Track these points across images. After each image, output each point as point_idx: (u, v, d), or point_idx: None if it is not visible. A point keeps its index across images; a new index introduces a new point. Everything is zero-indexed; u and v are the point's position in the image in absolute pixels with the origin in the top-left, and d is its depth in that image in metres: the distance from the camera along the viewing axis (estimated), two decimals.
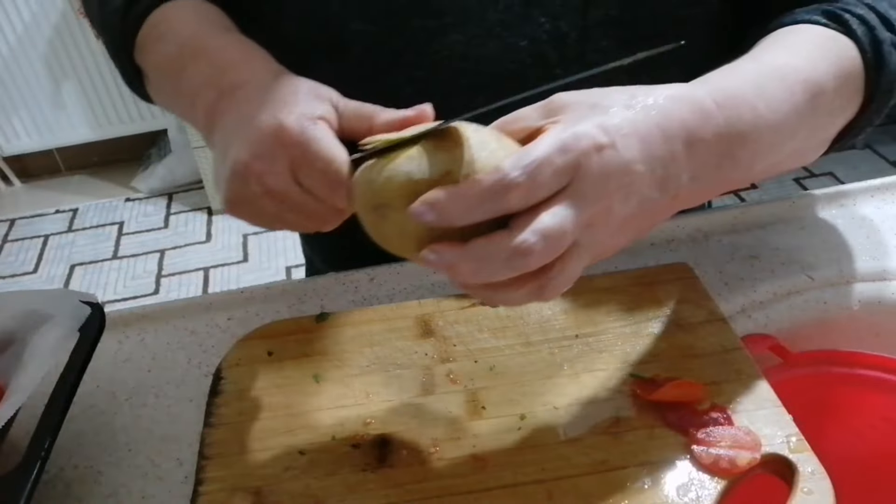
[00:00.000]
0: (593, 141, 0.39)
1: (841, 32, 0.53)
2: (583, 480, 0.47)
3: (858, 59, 0.52)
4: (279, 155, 0.45)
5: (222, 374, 0.57)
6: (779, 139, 0.48)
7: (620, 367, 0.54)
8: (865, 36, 0.52)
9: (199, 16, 0.59)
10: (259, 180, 0.46)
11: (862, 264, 0.65)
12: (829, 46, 0.52)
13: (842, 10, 0.53)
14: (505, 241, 0.38)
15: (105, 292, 2.33)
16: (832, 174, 2.51)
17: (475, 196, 0.38)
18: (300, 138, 0.45)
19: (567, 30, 0.59)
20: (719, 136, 0.44)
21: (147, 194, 2.77)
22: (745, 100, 0.45)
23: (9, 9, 2.47)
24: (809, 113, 0.50)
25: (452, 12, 0.59)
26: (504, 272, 0.39)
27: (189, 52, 0.55)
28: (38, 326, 0.56)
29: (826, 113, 0.52)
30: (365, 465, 0.49)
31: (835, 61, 0.51)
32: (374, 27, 0.60)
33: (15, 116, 2.67)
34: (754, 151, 0.47)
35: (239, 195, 0.48)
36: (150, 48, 0.59)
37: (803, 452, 0.46)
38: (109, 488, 0.54)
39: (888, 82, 0.54)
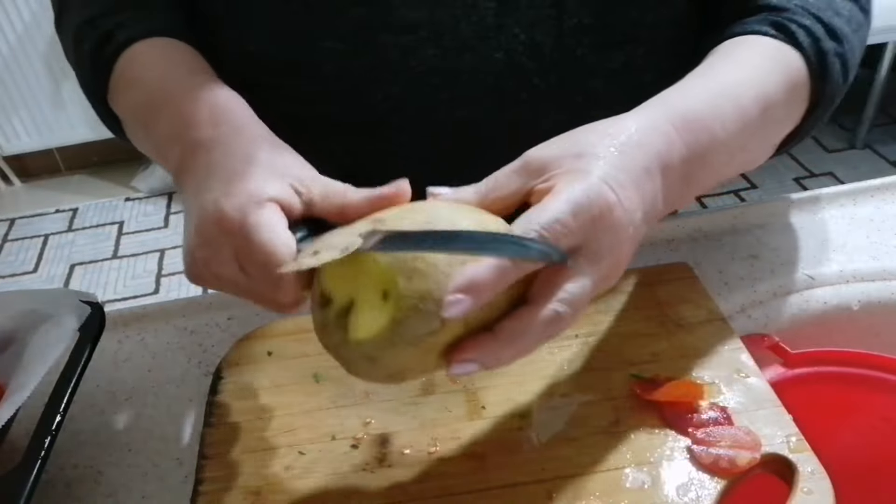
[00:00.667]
0: (605, 201, 0.40)
1: (788, 43, 0.54)
2: (583, 480, 0.47)
3: (804, 69, 0.54)
4: (222, 243, 0.43)
5: (222, 373, 0.57)
6: (732, 155, 0.51)
7: (620, 367, 0.54)
8: (811, 47, 0.54)
9: (167, 58, 0.56)
10: (206, 266, 0.45)
11: (862, 264, 0.65)
12: (777, 58, 0.54)
13: (789, 21, 0.55)
14: (534, 317, 0.39)
15: (105, 292, 2.33)
16: (832, 174, 2.51)
17: (499, 265, 0.38)
18: (240, 227, 0.42)
19: (542, 39, 0.58)
20: (682, 160, 0.46)
21: (147, 194, 2.77)
22: (702, 123, 0.47)
23: (9, 9, 2.47)
24: (760, 126, 0.52)
25: (425, 26, 0.57)
26: (537, 345, 0.40)
27: (157, 101, 0.53)
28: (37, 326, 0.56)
29: (775, 123, 0.55)
30: (365, 465, 0.49)
31: (783, 73, 0.53)
32: (345, 45, 0.58)
33: (15, 116, 2.67)
34: (711, 169, 0.49)
35: (192, 273, 0.46)
36: (122, 95, 0.57)
37: (803, 452, 0.46)
38: (109, 488, 0.54)
39: (831, 90, 0.56)
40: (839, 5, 0.57)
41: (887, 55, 2.36)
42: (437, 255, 0.38)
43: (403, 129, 0.61)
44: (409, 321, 0.38)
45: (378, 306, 0.39)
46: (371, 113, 0.61)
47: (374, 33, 0.58)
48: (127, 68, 0.57)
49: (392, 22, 0.57)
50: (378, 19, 0.57)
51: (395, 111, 0.60)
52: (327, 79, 0.60)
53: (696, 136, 0.47)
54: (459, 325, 0.38)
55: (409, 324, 0.38)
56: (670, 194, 0.46)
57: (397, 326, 0.38)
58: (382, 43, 0.58)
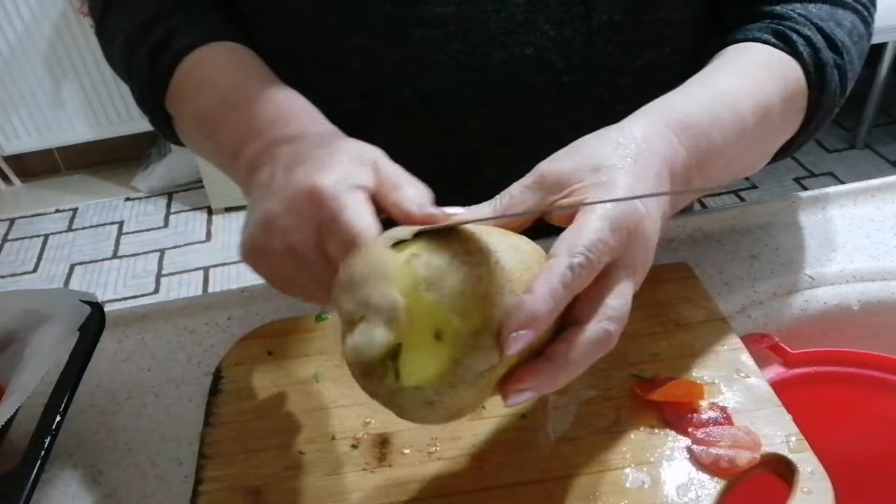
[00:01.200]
0: (637, 214, 0.41)
1: (788, 53, 0.55)
2: (583, 480, 0.47)
3: (803, 80, 0.55)
4: (308, 215, 0.44)
5: (222, 373, 0.57)
6: (729, 161, 0.51)
7: (620, 367, 0.54)
8: (811, 57, 0.55)
9: (236, 63, 0.57)
10: (283, 235, 0.44)
11: (862, 264, 0.65)
12: (776, 68, 0.55)
13: (790, 31, 0.56)
14: (585, 338, 0.39)
15: (105, 292, 2.33)
16: (832, 174, 2.51)
17: (553, 294, 0.38)
18: (332, 203, 0.43)
19: (571, 36, 0.59)
20: (683, 165, 0.47)
21: (147, 194, 2.77)
22: (701, 129, 0.48)
23: (9, 8, 2.47)
24: (758, 135, 0.53)
25: (454, 22, 0.58)
26: (588, 364, 0.40)
27: (231, 103, 0.53)
28: (37, 326, 0.56)
29: (772, 132, 0.55)
30: (365, 465, 0.49)
31: (782, 83, 0.54)
32: (375, 41, 0.59)
33: (15, 116, 2.67)
34: (708, 175, 0.49)
35: (259, 245, 0.46)
36: (186, 97, 0.57)
37: (803, 452, 0.46)
38: (109, 488, 0.54)
39: (829, 101, 0.57)
40: (841, 16, 0.58)
41: (887, 55, 2.36)
42: (485, 286, 0.37)
43: (431, 125, 0.62)
44: (468, 360, 0.37)
45: (431, 348, 0.37)
46: (400, 108, 0.61)
47: (403, 29, 0.58)
48: (192, 73, 0.57)
49: (421, 17, 0.58)
50: (407, 14, 0.58)
51: (423, 106, 0.61)
52: (357, 75, 0.61)
53: (695, 142, 0.47)
54: (514, 355, 0.38)
55: (469, 363, 0.37)
56: (674, 198, 0.47)
57: (457, 367, 0.37)
58: (411, 38, 0.59)
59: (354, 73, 0.60)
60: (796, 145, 0.60)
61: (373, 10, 0.58)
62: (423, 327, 0.37)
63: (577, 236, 0.39)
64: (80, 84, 2.63)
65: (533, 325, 0.37)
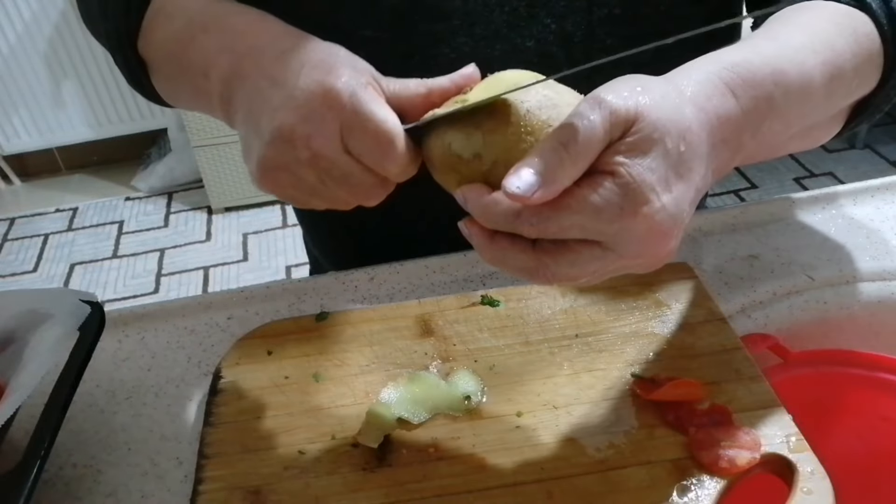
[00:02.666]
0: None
1: (855, 6, 0.51)
2: (583, 480, 0.47)
3: (875, 34, 0.51)
4: (329, 118, 0.43)
5: (222, 373, 0.57)
6: (790, 126, 0.47)
7: (620, 367, 0.54)
8: (881, 9, 0.51)
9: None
10: (306, 144, 0.43)
11: (862, 264, 0.65)
12: (845, 24, 0.51)
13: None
14: (527, 256, 0.39)
15: (105, 291, 2.33)
16: (832, 174, 2.51)
17: (495, 213, 0.38)
18: (351, 100, 0.42)
19: (573, 30, 0.59)
20: (735, 130, 0.43)
21: (147, 193, 2.77)
22: (763, 89, 0.44)
23: (9, 8, 2.47)
24: (825, 96, 0.49)
25: (459, 15, 0.59)
26: (516, 274, 0.40)
27: (199, 23, 0.52)
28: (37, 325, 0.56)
29: (843, 95, 0.51)
30: (365, 464, 0.49)
31: (852, 40, 0.50)
32: (381, 33, 0.60)
33: (15, 115, 2.67)
34: (763, 141, 0.46)
35: (277, 161, 0.44)
36: (155, 28, 0.55)
37: (803, 452, 0.46)
38: (109, 487, 0.54)
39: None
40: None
41: None
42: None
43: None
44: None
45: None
46: None
47: (409, 22, 0.59)
48: (165, 4, 0.55)
49: (427, 10, 0.59)
50: (412, 7, 0.59)
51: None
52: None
53: (755, 103, 0.43)
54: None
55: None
56: (719, 163, 0.43)
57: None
58: (417, 31, 0.59)
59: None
60: (872, 108, 0.55)
61: (381, 4, 0.59)
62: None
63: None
64: (80, 83, 2.63)
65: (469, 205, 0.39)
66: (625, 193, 0.37)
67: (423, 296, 0.64)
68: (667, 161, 0.38)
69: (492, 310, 0.60)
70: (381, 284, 0.67)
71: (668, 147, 0.38)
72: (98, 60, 2.59)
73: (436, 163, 0.42)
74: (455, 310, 0.60)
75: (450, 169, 0.41)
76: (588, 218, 0.37)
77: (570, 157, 0.37)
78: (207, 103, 0.52)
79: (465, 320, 0.59)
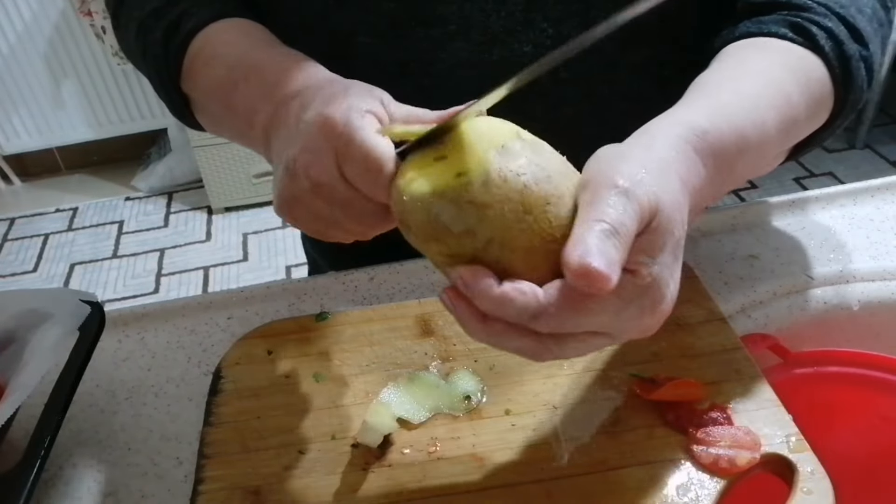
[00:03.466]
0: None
1: (809, 49, 0.51)
2: (582, 480, 0.47)
3: (827, 78, 0.51)
4: (325, 147, 0.44)
5: (222, 373, 0.57)
6: (742, 180, 0.49)
7: (620, 367, 0.54)
8: (833, 52, 0.51)
9: (243, 35, 0.58)
10: (305, 173, 0.45)
11: (862, 264, 0.65)
12: (800, 69, 0.51)
13: (810, 23, 0.52)
14: (530, 341, 0.37)
15: (105, 291, 2.33)
16: (832, 174, 2.51)
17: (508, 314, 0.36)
18: (344, 128, 0.43)
19: (569, 33, 0.59)
20: (704, 193, 0.43)
21: (147, 193, 2.77)
22: (727, 157, 0.44)
23: (9, 8, 2.47)
24: (779, 145, 0.50)
25: (456, 21, 0.59)
26: (510, 352, 0.38)
27: (240, 72, 0.54)
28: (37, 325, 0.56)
29: (793, 140, 0.52)
30: (365, 464, 0.49)
31: (806, 88, 0.50)
32: (378, 39, 0.60)
33: (15, 115, 2.67)
34: (720, 191, 0.47)
35: (289, 193, 0.46)
36: (198, 73, 0.58)
37: (803, 452, 0.46)
38: (109, 487, 0.54)
39: (855, 98, 0.53)
40: (862, 2, 0.54)
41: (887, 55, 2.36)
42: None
43: None
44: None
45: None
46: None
47: (406, 27, 0.59)
48: (204, 48, 0.58)
49: (424, 16, 0.59)
50: (410, 14, 0.59)
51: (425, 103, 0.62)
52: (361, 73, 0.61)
53: (718, 170, 0.44)
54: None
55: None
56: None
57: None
58: (414, 36, 0.59)
59: (358, 71, 0.61)
60: (816, 142, 0.56)
61: (377, 10, 0.59)
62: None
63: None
64: (80, 83, 2.63)
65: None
66: (646, 294, 0.37)
67: (424, 296, 0.64)
68: (675, 251, 0.38)
69: None
70: (381, 284, 0.67)
71: (676, 237, 0.38)
72: (98, 60, 2.59)
73: (413, 227, 0.39)
74: None
75: (432, 238, 0.38)
76: (609, 318, 0.36)
77: (622, 247, 0.35)
78: (252, 145, 0.55)
79: None
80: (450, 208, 0.37)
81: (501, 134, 0.39)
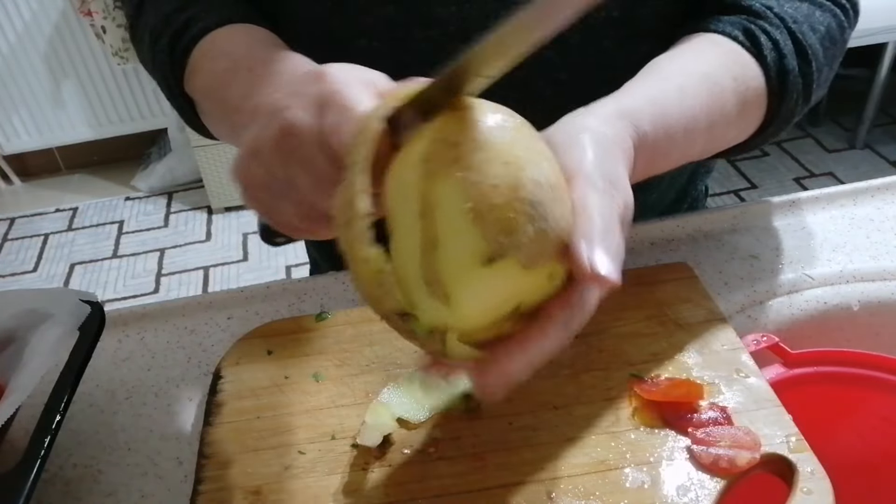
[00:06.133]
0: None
1: (752, 55, 0.54)
2: (583, 480, 0.47)
3: (763, 84, 0.54)
4: (311, 89, 0.42)
5: (222, 373, 0.57)
6: (672, 161, 0.51)
7: (620, 367, 0.54)
8: (774, 63, 0.54)
9: (246, 36, 0.58)
10: (281, 114, 0.42)
11: (862, 264, 0.65)
12: (738, 71, 0.54)
13: (760, 31, 0.55)
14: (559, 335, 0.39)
15: (105, 291, 2.33)
16: (832, 174, 2.51)
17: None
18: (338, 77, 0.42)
19: (569, 33, 0.59)
20: (634, 175, 0.45)
21: (147, 193, 2.77)
22: (654, 158, 0.47)
23: (9, 7, 2.48)
24: (706, 135, 0.52)
25: (454, 22, 0.59)
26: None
27: (245, 65, 0.53)
28: (37, 325, 0.56)
29: (721, 135, 0.55)
30: (365, 464, 0.49)
31: (742, 86, 0.53)
32: (377, 42, 0.60)
33: (15, 115, 2.67)
34: (646, 173, 0.49)
35: (251, 144, 0.44)
36: (198, 72, 0.58)
37: (803, 452, 0.46)
38: (109, 487, 0.54)
39: (788, 110, 0.56)
40: (818, 19, 0.57)
41: (887, 55, 2.36)
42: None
43: None
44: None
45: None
46: None
47: (404, 30, 0.59)
48: (208, 48, 0.57)
49: (422, 18, 0.59)
50: (409, 16, 0.59)
51: None
52: None
53: (649, 156, 0.47)
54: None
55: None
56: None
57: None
58: (413, 39, 0.59)
59: None
60: (752, 146, 0.59)
61: (376, 13, 0.59)
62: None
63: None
64: (81, 83, 2.64)
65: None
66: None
67: None
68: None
69: None
70: None
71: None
72: (98, 60, 2.59)
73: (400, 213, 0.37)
74: None
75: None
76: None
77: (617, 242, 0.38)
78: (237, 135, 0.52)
79: None
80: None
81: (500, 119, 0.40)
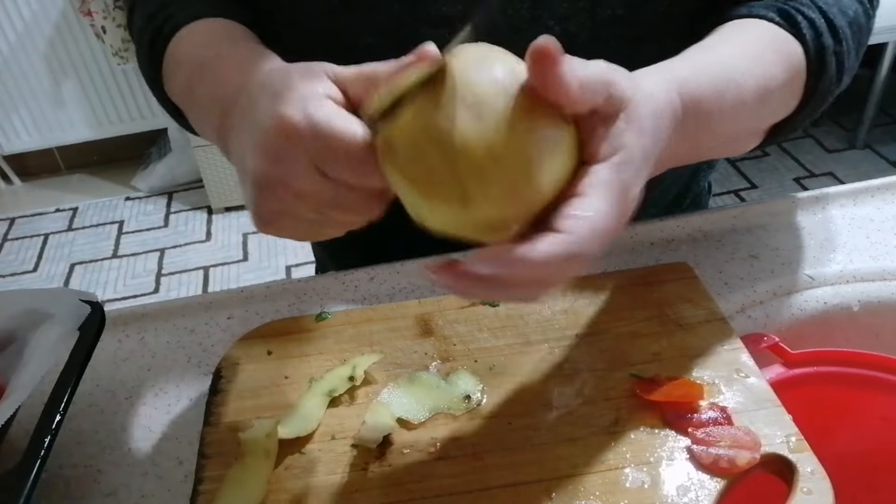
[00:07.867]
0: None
1: (791, 34, 0.55)
2: (583, 480, 0.47)
3: (804, 63, 0.55)
4: (295, 153, 0.40)
5: (222, 373, 0.57)
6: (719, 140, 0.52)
7: (620, 366, 0.54)
8: (812, 41, 0.55)
9: (208, 33, 0.57)
10: (284, 186, 0.40)
11: (862, 264, 0.65)
12: (780, 49, 0.54)
13: (795, 11, 0.55)
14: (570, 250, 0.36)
15: (105, 291, 2.33)
16: (832, 174, 2.51)
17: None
18: (309, 127, 0.39)
19: (576, 31, 0.59)
20: (677, 142, 0.45)
21: (147, 193, 2.77)
22: (704, 110, 0.47)
23: (9, 7, 2.47)
24: (754, 116, 0.53)
25: (461, 20, 0.59)
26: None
27: (196, 75, 0.53)
28: (37, 325, 0.56)
29: (768, 115, 0.55)
30: (365, 464, 0.49)
31: (785, 65, 0.53)
32: (384, 40, 0.60)
33: (15, 115, 2.67)
34: (694, 148, 0.50)
35: (270, 208, 0.42)
36: (171, 78, 0.58)
37: (803, 452, 0.46)
38: (109, 487, 0.54)
39: (824, 88, 0.56)
40: (846, 4, 0.57)
41: (887, 55, 2.36)
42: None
43: None
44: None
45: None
46: None
47: (411, 28, 0.59)
48: (174, 52, 0.58)
49: (429, 16, 0.59)
50: (415, 14, 0.59)
51: None
52: None
53: (696, 122, 0.46)
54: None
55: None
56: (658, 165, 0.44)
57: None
58: (419, 37, 0.58)
59: None
60: (787, 129, 0.59)
61: (382, 11, 0.59)
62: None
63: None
64: (80, 83, 2.63)
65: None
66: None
67: (424, 295, 0.64)
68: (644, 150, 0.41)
69: (491, 309, 0.60)
70: (381, 284, 0.67)
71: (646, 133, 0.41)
72: (98, 60, 2.59)
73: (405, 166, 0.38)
74: (455, 310, 0.60)
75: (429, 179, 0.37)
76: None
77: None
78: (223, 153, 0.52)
79: (464, 320, 0.59)
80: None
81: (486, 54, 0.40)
